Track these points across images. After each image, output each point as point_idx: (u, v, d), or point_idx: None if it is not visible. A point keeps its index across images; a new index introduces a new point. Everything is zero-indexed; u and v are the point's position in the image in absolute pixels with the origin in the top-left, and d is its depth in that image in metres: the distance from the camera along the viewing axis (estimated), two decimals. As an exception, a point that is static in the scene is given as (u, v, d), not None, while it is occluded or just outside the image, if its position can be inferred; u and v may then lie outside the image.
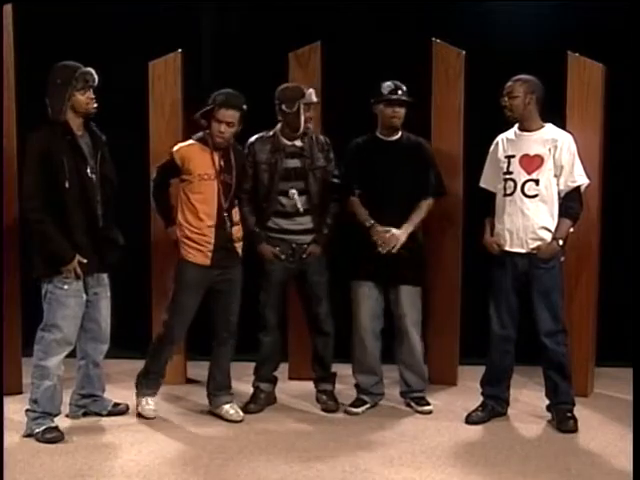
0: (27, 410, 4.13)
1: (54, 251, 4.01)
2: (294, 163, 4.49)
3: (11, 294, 4.72)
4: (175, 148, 4.36)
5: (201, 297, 4.39)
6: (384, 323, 4.60)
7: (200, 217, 4.28)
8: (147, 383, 4.44)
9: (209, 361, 4.54)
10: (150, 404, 4.42)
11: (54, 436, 4.04)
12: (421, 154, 4.56)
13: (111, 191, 4.21)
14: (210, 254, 4.29)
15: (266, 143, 4.51)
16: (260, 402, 4.60)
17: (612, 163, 4.98)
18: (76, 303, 4.10)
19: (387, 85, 4.43)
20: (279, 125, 4.51)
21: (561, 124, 4.62)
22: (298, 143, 4.51)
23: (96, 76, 4.09)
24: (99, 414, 4.41)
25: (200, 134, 4.36)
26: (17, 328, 4.81)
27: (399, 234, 4.41)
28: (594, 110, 4.80)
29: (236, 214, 4.40)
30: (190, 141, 4.38)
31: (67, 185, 3.98)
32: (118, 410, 4.46)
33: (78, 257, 4.02)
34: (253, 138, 4.55)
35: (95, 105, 4.09)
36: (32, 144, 4.04)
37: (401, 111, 4.44)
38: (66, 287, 4.05)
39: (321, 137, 4.60)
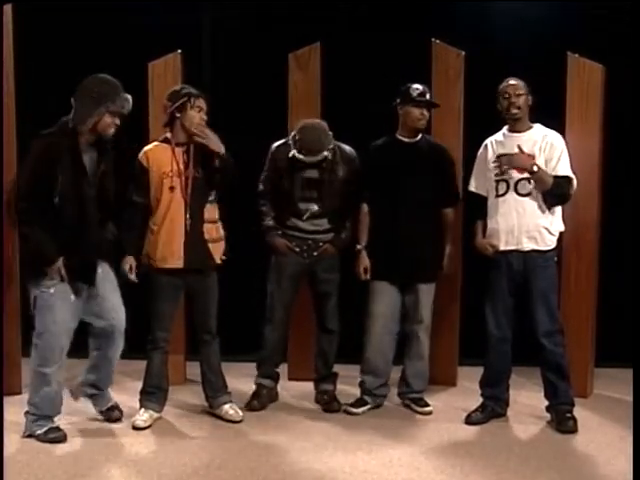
0: (27, 412, 4.11)
1: (38, 250, 3.94)
2: (312, 173, 4.50)
3: (11, 295, 4.72)
4: (140, 154, 4.32)
5: (179, 300, 4.42)
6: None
7: (168, 217, 4.23)
8: (147, 396, 4.38)
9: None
10: (143, 416, 4.30)
11: (57, 436, 4.03)
12: (441, 157, 4.60)
13: (107, 205, 4.09)
14: (182, 254, 4.23)
15: (287, 152, 4.50)
16: (262, 399, 4.62)
17: (612, 164, 4.98)
18: (63, 305, 4.00)
19: (415, 87, 4.47)
20: None
21: (561, 125, 4.63)
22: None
23: (130, 105, 4.02)
24: (95, 408, 4.36)
25: (163, 136, 4.34)
26: (17, 328, 4.81)
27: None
28: (594, 111, 4.80)
29: (211, 211, 4.32)
30: (154, 143, 4.36)
31: (56, 200, 3.89)
32: (109, 416, 4.35)
33: (63, 259, 3.95)
34: (277, 143, 4.59)
35: (112, 131, 4.00)
36: (35, 148, 3.96)
37: (427, 114, 4.50)
38: (52, 290, 3.97)
39: (347, 150, 4.58)
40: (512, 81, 4.31)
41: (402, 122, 4.54)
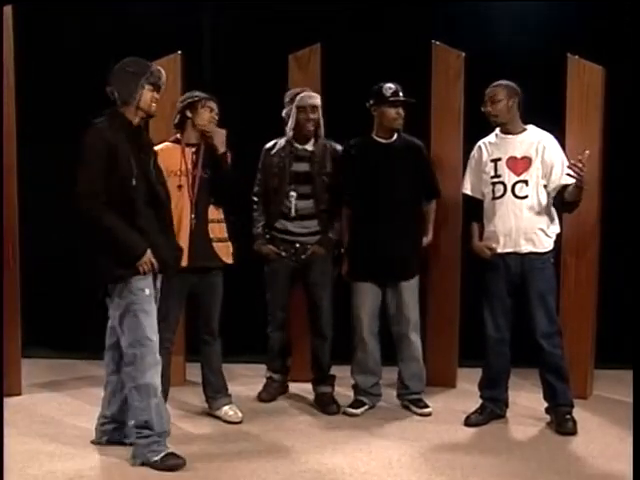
0: (137, 437, 3.75)
1: (127, 245, 3.63)
2: (302, 167, 4.56)
3: (11, 294, 4.72)
4: None
5: (184, 300, 4.40)
6: (380, 324, 4.63)
7: (175, 215, 4.17)
8: None
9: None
10: None
11: (177, 463, 3.70)
12: (418, 155, 4.60)
13: (166, 198, 3.93)
14: (186, 253, 4.20)
15: (279, 148, 4.60)
16: (272, 391, 4.74)
17: (612, 165, 4.98)
18: (154, 307, 3.76)
19: (388, 87, 4.45)
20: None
21: (561, 126, 4.62)
22: (309, 147, 4.59)
23: (165, 77, 3.89)
24: (122, 442, 3.95)
25: (173, 137, 4.40)
26: (17, 328, 4.81)
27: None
28: (594, 112, 4.80)
29: (216, 211, 4.34)
30: (165, 143, 4.38)
31: (134, 182, 3.65)
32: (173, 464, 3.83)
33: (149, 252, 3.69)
34: (268, 144, 4.67)
35: (155, 107, 3.85)
36: (95, 138, 3.66)
37: (403, 113, 4.47)
38: (147, 292, 3.68)
39: (335, 146, 4.64)
40: (491, 87, 4.31)
41: (378, 122, 4.52)
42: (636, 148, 5.25)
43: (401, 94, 4.46)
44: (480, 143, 4.44)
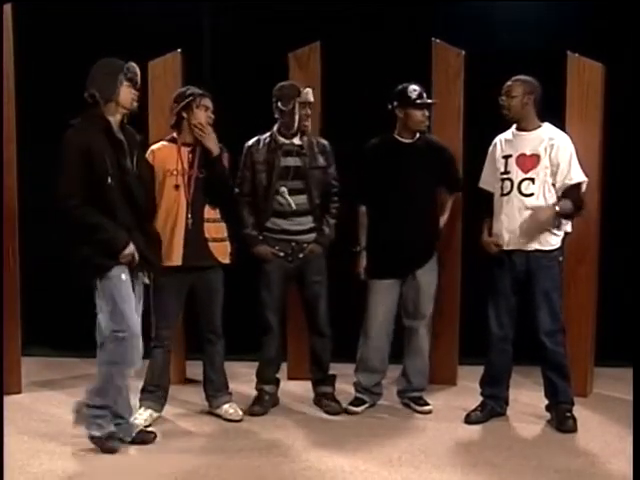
0: (88, 405, 3.82)
1: (109, 239, 3.76)
2: (292, 162, 4.49)
3: (11, 294, 4.73)
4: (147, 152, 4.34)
5: (183, 298, 4.39)
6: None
7: (171, 215, 4.24)
8: (147, 395, 4.35)
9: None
10: (143, 415, 4.25)
11: (113, 446, 3.84)
12: (440, 154, 4.61)
13: (150, 192, 4.07)
14: (181, 252, 4.23)
15: (263, 144, 4.52)
16: (265, 404, 4.58)
17: (612, 163, 4.98)
18: (131, 292, 3.86)
19: (413, 88, 4.46)
20: (276, 124, 4.53)
21: (561, 124, 4.62)
22: (297, 141, 4.52)
23: (139, 72, 3.96)
24: (122, 440, 3.96)
25: (169, 136, 4.39)
26: (17, 327, 4.82)
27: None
28: (594, 110, 4.80)
29: (212, 211, 4.33)
30: (161, 142, 4.39)
31: (109, 181, 3.75)
32: (143, 439, 4.03)
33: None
34: (250, 141, 4.57)
35: (136, 104, 3.92)
36: (71, 140, 3.79)
37: (428, 114, 4.52)
38: (123, 277, 3.80)
39: (322, 140, 4.61)
40: (509, 82, 4.31)
41: (402, 123, 4.52)
42: (636, 146, 5.25)
43: (425, 96, 4.48)
44: (496, 139, 4.44)
